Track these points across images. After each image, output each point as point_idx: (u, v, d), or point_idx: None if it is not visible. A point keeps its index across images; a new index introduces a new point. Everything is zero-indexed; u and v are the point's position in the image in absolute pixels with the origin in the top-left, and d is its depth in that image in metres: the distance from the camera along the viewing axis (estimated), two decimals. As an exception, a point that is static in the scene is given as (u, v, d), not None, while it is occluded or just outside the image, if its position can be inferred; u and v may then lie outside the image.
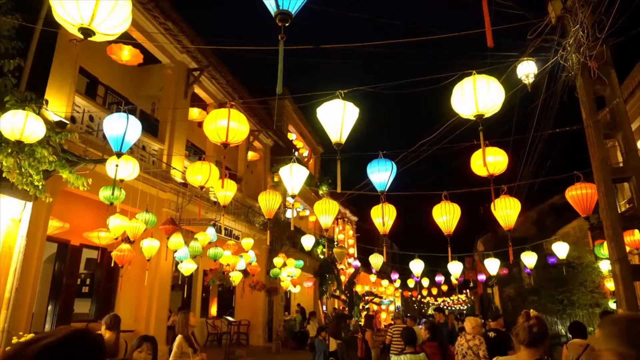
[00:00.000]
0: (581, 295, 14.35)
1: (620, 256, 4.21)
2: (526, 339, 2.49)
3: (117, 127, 4.26)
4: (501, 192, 5.57)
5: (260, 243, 15.21)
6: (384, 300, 27.23)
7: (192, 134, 13.57)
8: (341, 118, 3.60)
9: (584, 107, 4.65)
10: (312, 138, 24.17)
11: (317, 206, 5.84)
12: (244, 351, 13.83)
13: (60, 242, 10.00)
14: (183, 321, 5.55)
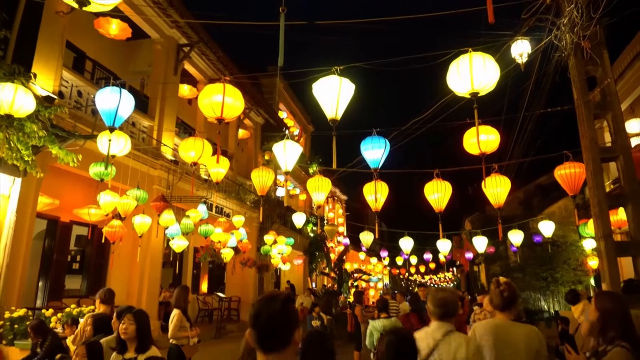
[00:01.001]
0: (564, 273, 14.74)
1: (606, 233, 4.33)
2: (500, 303, 2.77)
3: (109, 101, 4.20)
4: (492, 170, 5.65)
5: (251, 221, 15.28)
6: (372, 278, 27.67)
7: (182, 111, 13.43)
8: (337, 94, 3.60)
9: (575, 87, 4.70)
10: (303, 117, 24.08)
11: (310, 183, 5.87)
12: (234, 326, 14.03)
13: (50, 218, 9.94)
14: (182, 296, 5.61)
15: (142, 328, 3.50)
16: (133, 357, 3.46)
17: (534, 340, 2.68)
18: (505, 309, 2.78)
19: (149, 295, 10.64)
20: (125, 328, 3.47)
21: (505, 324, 2.75)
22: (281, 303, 1.52)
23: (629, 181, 4.42)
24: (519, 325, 2.80)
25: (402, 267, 29.40)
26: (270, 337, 1.49)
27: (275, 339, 1.50)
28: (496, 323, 2.81)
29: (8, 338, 6.86)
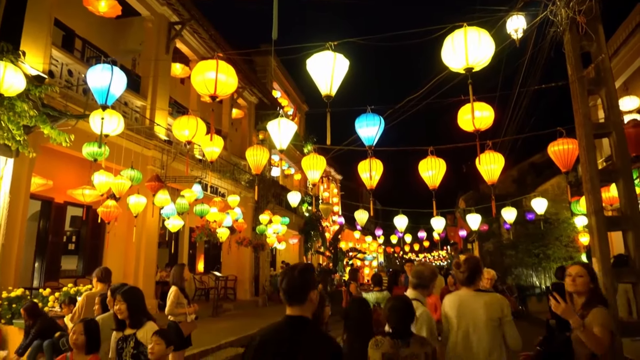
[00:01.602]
0: (556, 250, 14.99)
1: (597, 208, 4.39)
2: (462, 280, 3.12)
3: (101, 79, 4.14)
4: (486, 147, 5.67)
5: (246, 201, 15.31)
6: (367, 256, 27.97)
7: (175, 91, 13.28)
8: (331, 70, 3.57)
9: (569, 62, 4.69)
10: (297, 96, 23.89)
11: (305, 161, 5.87)
12: (231, 305, 14.20)
13: (44, 199, 9.91)
14: (178, 274, 5.71)
15: (132, 305, 3.56)
16: (131, 333, 3.54)
17: (495, 306, 2.92)
18: (467, 283, 3.10)
19: (146, 275, 10.71)
20: (118, 308, 3.54)
21: (468, 295, 3.04)
22: (298, 272, 2.09)
23: (621, 157, 4.46)
24: (481, 294, 3.04)
25: (397, 245, 29.70)
26: (291, 295, 2.05)
27: (294, 297, 2.05)
28: (460, 294, 3.12)
29: (6, 317, 6.92)
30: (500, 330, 2.93)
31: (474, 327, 2.94)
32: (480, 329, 2.92)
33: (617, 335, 4.20)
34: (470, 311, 2.98)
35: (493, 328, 2.91)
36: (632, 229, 4.36)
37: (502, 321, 2.92)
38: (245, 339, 9.66)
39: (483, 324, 2.91)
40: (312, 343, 1.97)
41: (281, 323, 2.04)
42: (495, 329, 2.92)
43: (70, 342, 3.39)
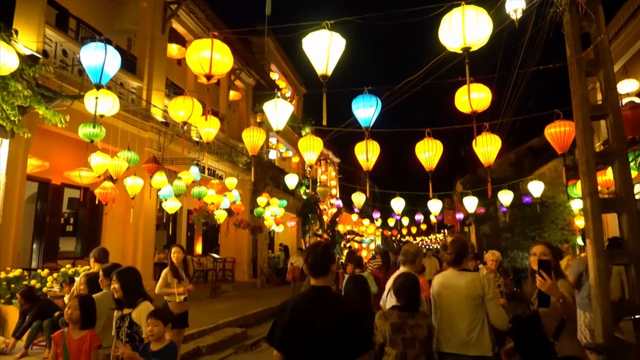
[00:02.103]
0: (552, 232, 15.08)
1: (592, 190, 4.40)
2: (449, 261, 3.28)
3: (95, 57, 4.09)
4: (483, 129, 5.66)
5: (244, 183, 15.32)
6: (364, 239, 28.13)
7: (171, 72, 13.16)
8: (327, 49, 3.54)
9: (568, 43, 4.64)
10: (295, 78, 23.68)
11: (302, 143, 5.85)
12: (229, 286, 14.33)
13: (40, 181, 9.91)
14: (168, 255, 5.83)
15: (126, 285, 3.60)
16: (127, 313, 3.59)
17: (476, 284, 3.05)
18: (454, 264, 3.24)
19: (144, 256, 10.78)
20: (114, 288, 3.58)
21: (452, 274, 3.21)
22: (321, 249, 2.52)
23: (617, 139, 4.45)
24: (465, 274, 3.16)
25: (394, 228, 29.85)
26: (316, 269, 2.44)
27: (319, 270, 2.44)
28: (445, 274, 3.31)
29: (5, 297, 6.98)
30: (482, 308, 3.02)
31: (456, 304, 3.07)
32: (462, 306, 3.04)
33: (612, 316, 4.27)
34: (452, 289, 3.12)
35: (474, 306, 3.01)
36: (626, 211, 4.37)
37: (484, 299, 3.02)
38: (242, 319, 9.78)
39: (464, 302, 3.03)
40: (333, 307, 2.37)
41: (308, 292, 2.50)
42: (477, 307, 3.01)
43: (66, 317, 3.43)
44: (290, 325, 2.34)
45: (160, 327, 3.34)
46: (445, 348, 3.06)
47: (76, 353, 3.38)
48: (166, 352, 3.27)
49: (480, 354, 2.96)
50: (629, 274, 4.34)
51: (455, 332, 3.02)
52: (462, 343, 2.99)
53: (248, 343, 8.40)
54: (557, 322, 2.94)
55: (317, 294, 2.43)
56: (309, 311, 2.36)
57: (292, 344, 2.34)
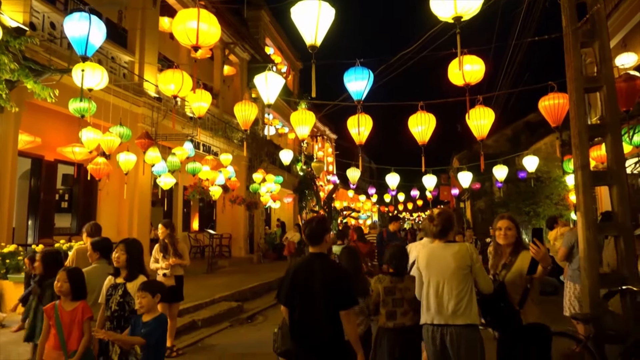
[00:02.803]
0: (546, 208, 15.17)
1: (584, 163, 4.39)
2: (434, 233, 3.28)
3: (79, 28, 3.99)
4: (477, 102, 5.60)
5: (239, 159, 15.26)
6: (361, 215, 28.29)
7: (164, 46, 12.90)
8: (316, 19, 3.45)
9: (564, 13, 4.55)
10: (291, 53, 23.30)
11: (294, 117, 5.79)
12: (226, 262, 14.46)
13: (34, 157, 9.84)
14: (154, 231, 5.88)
15: (132, 258, 3.63)
16: (121, 282, 3.61)
17: (464, 254, 3.07)
18: (439, 236, 3.25)
19: (140, 232, 10.81)
20: (118, 257, 3.61)
21: (438, 247, 3.22)
22: (315, 223, 3.04)
23: (611, 111, 4.42)
24: (451, 245, 3.17)
25: (390, 204, 29.99)
26: (312, 239, 2.99)
27: (315, 239, 2.98)
28: (431, 246, 3.31)
29: (1, 272, 7.02)
30: (470, 278, 3.06)
31: (444, 276, 3.08)
32: (450, 277, 3.05)
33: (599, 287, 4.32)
34: (440, 261, 3.12)
35: (463, 276, 3.04)
36: (617, 183, 4.38)
37: (472, 268, 3.06)
38: (239, 293, 9.89)
39: (452, 273, 3.05)
40: (326, 269, 2.91)
41: (307, 257, 3.09)
42: (466, 277, 3.05)
43: (56, 290, 3.45)
44: (292, 284, 2.94)
45: (149, 299, 3.37)
46: (434, 320, 3.08)
47: (69, 324, 3.42)
48: (153, 324, 3.30)
49: (467, 322, 3.00)
50: (618, 245, 4.38)
51: (443, 304, 3.05)
52: (450, 313, 3.02)
53: (244, 316, 8.52)
54: (522, 291, 3.12)
55: (314, 260, 2.98)
56: (307, 273, 2.92)
57: (293, 300, 2.93)
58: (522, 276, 3.13)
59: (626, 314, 4.25)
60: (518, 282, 3.12)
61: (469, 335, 2.99)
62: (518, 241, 3.29)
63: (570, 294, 5.77)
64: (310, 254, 3.02)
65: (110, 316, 3.54)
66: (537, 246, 2.87)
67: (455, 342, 2.98)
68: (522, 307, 3.11)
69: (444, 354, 3.06)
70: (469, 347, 2.98)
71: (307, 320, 2.85)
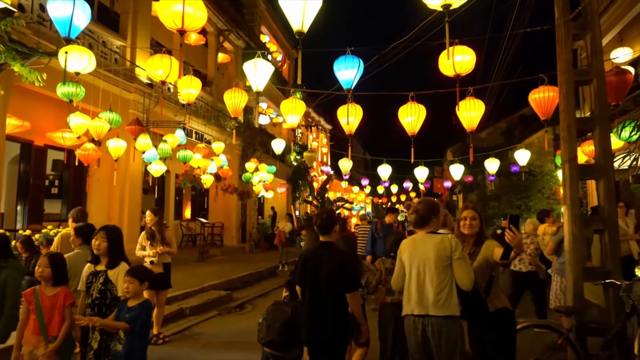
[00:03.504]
0: (538, 201, 15.23)
1: (571, 156, 4.38)
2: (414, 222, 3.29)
3: (62, 9, 3.90)
4: (467, 93, 5.57)
5: (232, 148, 15.18)
6: (355, 206, 28.31)
7: (156, 31, 12.71)
8: (303, 5, 3.39)
9: (557, 5, 4.51)
10: (287, 41, 23.09)
11: (284, 105, 5.73)
12: (218, 251, 14.45)
13: (23, 142, 9.72)
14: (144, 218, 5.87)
15: (113, 243, 3.59)
16: (102, 270, 3.57)
17: (445, 245, 3.06)
18: (419, 226, 3.25)
19: (130, 219, 10.77)
20: (98, 244, 3.56)
21: (420, 237, 3.22)
22: (326, 215, 3.51)
23: (600, 105, 4.40)
24: (433, 236, 3.16)
25: (384, 196, 30.01)
26: (322, 229, 3.43)
27: (325, 230, 3.43)
28: (414, 237, 3.31)
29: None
30: (451, 270, 3.05)
31: (425, 266, 3.08)
32: (431, 268, 3.05)
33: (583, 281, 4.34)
34: (421, 252, 3.12)
35: (443, 267, 3.04)
36: (604, 177, 4.37)
37: (451, 260, 3.04)
38: (228, 282, 9.90)
39: (433, 264, 3.05)
40: (334, 256, 3.37)
41: (317, 245, 3.53)
42: (446, 268, 3.04)
43: (37, 275, 3.42)
44: (304, 268, 3.43)
45: (136, 285, 3.35)
46: (415, 311, 3.09)
47: (49, 309, 3.39)
48: (137, 309, 3.28)
49: (448, 314, 3.00)
50: (603, 239, 4.39)
51: (424, 294, 3.05)
52: (430, 304, 3.03)
53: (232, 305, 8.53)
54: (487, 279, 3.24)
55: (323, 247, 3.45)
56: (317, 258, 3.40)
57: (306, 281, 3.41)
58: (487, 264, 3.21)
59: (608, 307, 4.28)
60: (484, 271, 3.21)
61: (450, 327, 3.00)
62: (481, 232, 3.37)
63: (557, 287, 5.81)
64: (321, 242, 3.47)
65: (91, 303, 3.51)
66: (512, 232, 2.88)
67: (437, 333, 2.99)
68: (489, 294, 3.21)
69: (424, 345, 3.06)
70: (449, 338, 2.99)
71: (316, 299, 3.33)
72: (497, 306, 3.21)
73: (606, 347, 4.03)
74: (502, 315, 3.21)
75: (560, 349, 4.15)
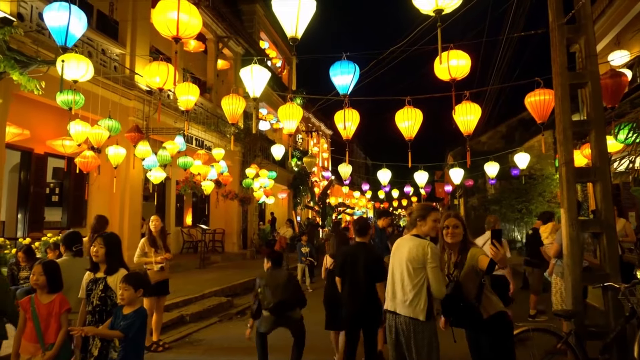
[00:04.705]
0: (538, 205, 15.17)
1: (568, 159, 4.38)
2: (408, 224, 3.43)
3: (58, 18, 3.94)
4: (463, 97, 5.58)
5: (233, 154, 15.22)
6: (356, 211, 28.28)
7: (155, 39, 12.78)
8: (297, 11, 3.42)
9: (551, 9, 4.53)
10: (286, 47, 23.19)
11: (281, 111, 5.75)
12: (219, 257, 14.44)
13: (23, 150, 9.76)
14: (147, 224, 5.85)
15: (111, 251, 3.59)
16: (102, 277, 3.58)
17: (418, 250, 3.13)
18: (410, 227, 3.38)
19: (131, 226, 10.78)
20: (96, 251, 3.56)
21: (404, 239, 3.34)
22: (363, 221, 4.70)
23: (595, 108, 4.40)
24: (413, 239, 3.23)
25: (385, 200, 29.98)
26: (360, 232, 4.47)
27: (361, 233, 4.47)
28: (401, 238, 3.42)
29: (-13, 266, 6.97)
30: (423, 274, 3.09)
31: (399, 267, 3.20)
32: (403, 269, 3.15)
33: (581, 284, 4.32)
34: (399, 252, 3.25)
35: (414, 270, 3.09)
36: (600, 180, 4.37)
37: (425, 266, 3.08)
38: (229, 289, 9.88)
39: (405, 265, 3.14)
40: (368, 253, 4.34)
41: (355, 245, 4.53)
42: (418, 271, 3.08)
43: (32, 283, 3.42)
44: (344, 262, 4.37)
45: (131, 292, 3.34)
46: (389, 307, 3.24)
47: (46, 317, 3.39)
48: (132, 316, 3.28)
49: (412, 315, 3.07)
50: (601, 243, 4.38)
51: (396, 293, 3.18)
52: (399, 302, 3.16)
53: (233, 311, 8.51)
54: (477, 286, 3.16)
55: (360, 246, 4.43)
56: (354, 255, 4.33)
57: (345, 273, 4.35)
58: (475, 272, 3.15)
59: (607, 310, 4.26)
60: (472, 279, 3.17)
61: (417, 328, 3.07)
62: (465, 240, 3.29)
63: (562, 290, 5.73)
64: (357, 242, 4.48)
65: (91, 311, 3.51)
66: (496, 248, 2.86)
67: (405, 331, 3.10)
68: (480, 301, 3.17)
69: (397, 342, 3.19)
70: (417, 339, 3.07)
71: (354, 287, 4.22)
72: (491, 312, 3.18)
73: (605, 350, 4.01)
74: (497, 320, 3.17)
75: (559, 352, 4.13)
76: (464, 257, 3.22)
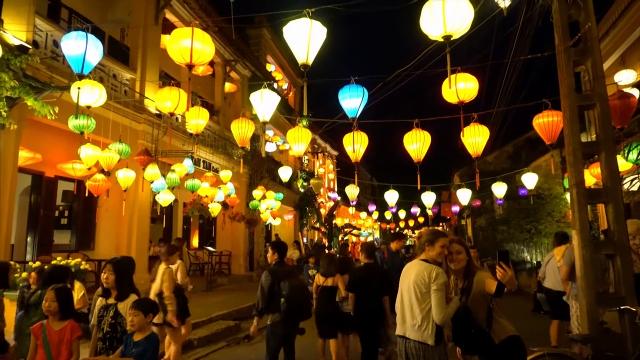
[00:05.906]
0: (548, 225, 15.02)
1: (578, 181, 4.37)
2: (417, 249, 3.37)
3: (76, 47, 4.05)
4: (471, 119, 5.61)
5: (240, 176, 15.29)
6: (362, 232, 28.14)
7: (165, 63, 13.05)
8: (308, 38, 3.49)
9: (557, 32, 4.59)
10: (292, 70, 23.52)
11: (290, 134, 5.81)
12: (225, 279, 14.35)
13: (34, 173, 9.88)
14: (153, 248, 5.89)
15: (120, 277, 3.59)
16: (113, 303, 3.57)
17: (424, 275, 3.08)
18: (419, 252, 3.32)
19: (139, 249, 10.77)
20: (106, 277, 3.56)
21: (413, 264, 3.29)
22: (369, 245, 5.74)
23: (604, 129, 4.42)
24: (420, 263, 3.19)
25: (392, 221, 29.83)
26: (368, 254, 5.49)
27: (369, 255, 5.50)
28: (410, 262, 3.37)
29: (-4, 289, 6.95)
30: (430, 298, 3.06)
31: (407, 292, 3.16)
32: (411, 294, 3.10)
33: (596, 307, 4.26)
34: (407, 277, 3.22)
35: (421, 295, 3.04)
36: (612, 201, 4.35)
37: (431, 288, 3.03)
38: (237, 312, 9.79)
39: (411, 290, 3.10)
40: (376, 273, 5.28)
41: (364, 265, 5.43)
42: (424, 296, 3.04)
43: (44, 310, 3.42)
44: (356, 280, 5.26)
45: (141, 318, 3.33)
46: (399, 332, 3.20)
47: (57, 344, 3.38)
48: (144, 343, 3.25)
49: (421, 340, 3.03)
50: (615, 264, 4.33)
51: (405, 317, 3.15)
52: (408, 326, 3.12)
53: (241, 335, 8.41)
54: (486, 311, 3.12)
55: (368, 266, 5.36)
56: (365, 274, 5.26)
57: (358, 289, 5.18)
58: (483, 297, 3.12)
59: (625, 334, 4.17)
60: (480, 304, 3.13)
61: (427, 352, 3.02)
62: (469, 264, 3.28)
63: (579, 313, 5.61)
64: (365, 263, 5.42)
65: (102, 337, 3.49)
66: (503, 269, 2.82)
67: (416, 356, 3.05)
68: (491, 326, 3.11)
69: None
70: None
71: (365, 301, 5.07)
72: (502, 337, 3.11)
73: (624, 375, 3.91)
74: (509, 345, 3.10)
75: (576, 378, 4.04)
76: (470, 282, 3.19)
